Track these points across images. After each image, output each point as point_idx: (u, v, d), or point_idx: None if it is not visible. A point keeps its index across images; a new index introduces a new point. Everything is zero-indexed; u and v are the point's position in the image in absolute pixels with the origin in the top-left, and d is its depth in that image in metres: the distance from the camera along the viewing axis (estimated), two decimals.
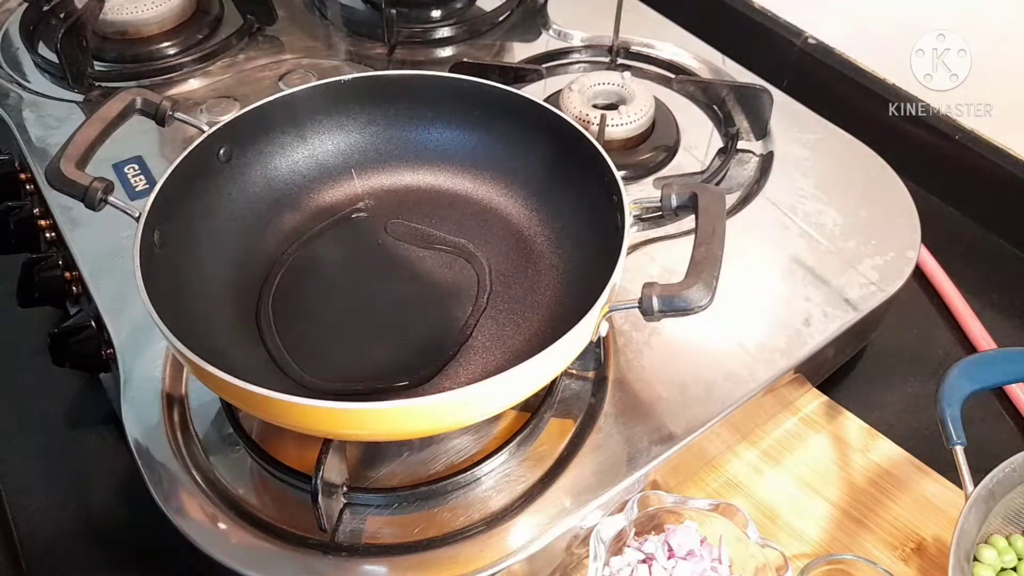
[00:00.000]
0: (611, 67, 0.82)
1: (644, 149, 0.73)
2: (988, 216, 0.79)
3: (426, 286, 0.59)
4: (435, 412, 0.44)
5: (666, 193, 0.51)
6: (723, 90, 0.76)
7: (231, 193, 0.60)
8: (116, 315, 0.60)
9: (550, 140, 0.60)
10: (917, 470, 0.60)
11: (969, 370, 0.55)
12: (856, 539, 0.57)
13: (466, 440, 0.54)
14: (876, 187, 0.70)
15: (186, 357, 0.45)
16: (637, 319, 0.46)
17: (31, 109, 0.78)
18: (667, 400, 0.56)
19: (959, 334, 0.70)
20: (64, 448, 0.63)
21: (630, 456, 0.53)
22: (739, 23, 0.92)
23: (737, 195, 0.70)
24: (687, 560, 0.51)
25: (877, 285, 0.63)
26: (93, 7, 0.80)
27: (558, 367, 0.49)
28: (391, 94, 0.64)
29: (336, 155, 0.65)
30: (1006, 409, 0.65)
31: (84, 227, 0.66)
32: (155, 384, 0.56)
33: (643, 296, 0.45)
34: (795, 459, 0.61)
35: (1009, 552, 0.51)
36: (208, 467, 0.53)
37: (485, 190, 0.64)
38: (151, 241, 0.51)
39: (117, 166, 0.70)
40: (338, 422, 0.45)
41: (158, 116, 0.58)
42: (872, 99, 0.83)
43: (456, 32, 0.87)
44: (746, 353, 0.59)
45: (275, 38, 0.86)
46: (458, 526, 0.50)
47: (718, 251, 0.47)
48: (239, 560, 0.48)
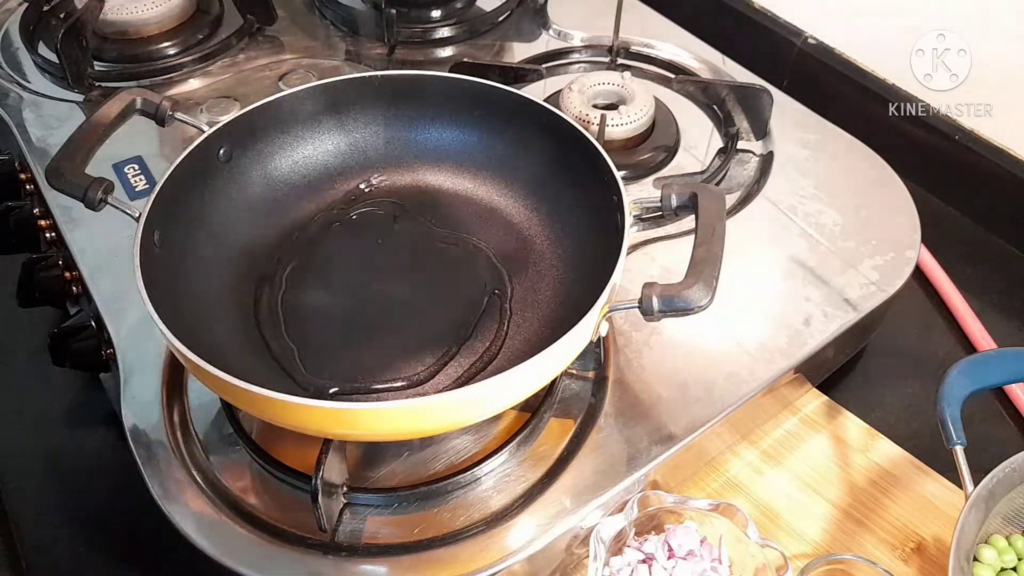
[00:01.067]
0: (611, 67, 0.82)
1: (644, 149, 0.73)
2: (988, 216, 0.79)
3: (426, 286, 0.59)
4: (435, 412, 0.44)
5: (666, 193, 0.51)
6: (723, 90, 0.76)
7: (231, 193, 0.60)
8: (116, 315, 0.60)
9: (550, 140, 0.60)
10: (917, 470, 0.60)
11: (969, 370, 0.55)
12: (856, 539, 0.57)
13: (466, 440, 0.54)
14: (876, 187, 0.70)
15: (186, 357, 0.45)
16: (637, 319, 0.46)
17: (31, 109, 0.78)
18: (667, 400, 0.56)
19: (959, 334, 0.70)
20: (64, 448, 0.63)
21: (630, 456, 0.53)
22: (739, 23, 0.92)
23: (737, 195, 0.70)
24: (687, 560, 0.51)
25: (877, 285, 0.63)
26: (93, 7, 0.80)
27: (558, 367, 0.49)
28: (391, 94, 0.64)
29: (336, 155, 0.65)
30: (1006, 409, 0.65)
31: (84, 227, 0.66)
32: (155, 384, 0.56)
33: (643, 296, 0.45)
34: (795, 459, 0.61)
35: (1009, 552, 0.51)
36: (208, 467, 0.53)
37: (485, 190, 0.64)
38: (151, 241, 0.51)
39: (117, 166, 0.70)
40: (338, 422, 0.45)
41: (158, 116, 0.58)
42: (872, 99, 0.82)
43: (456, 32, 0.87)
44: (746, 353, 0.59)
45: (275, 38, 0.86)
46: (458, 526, 0.50)
47: (718, 251, 0.47)
48: (239, 560, 0.48)
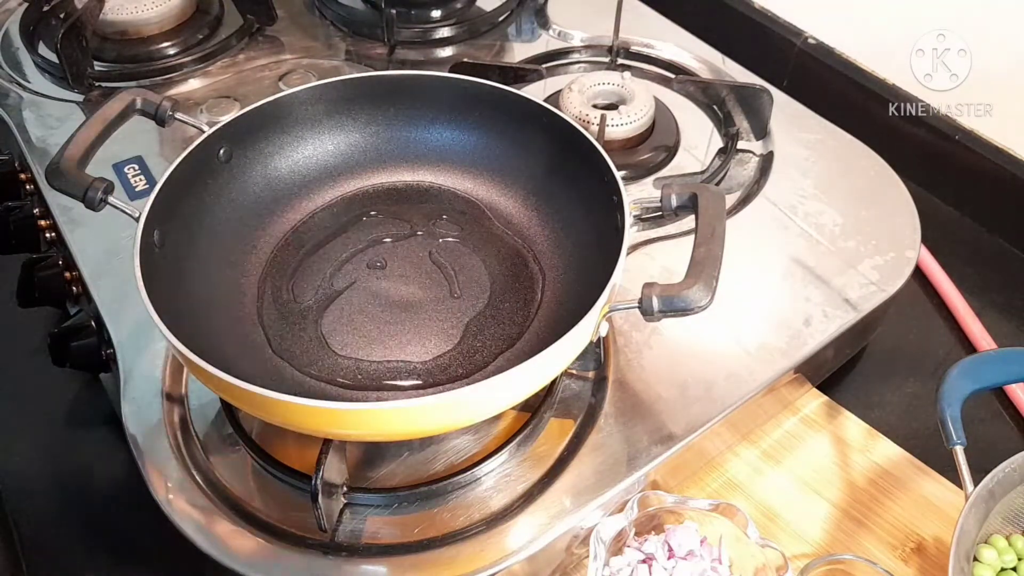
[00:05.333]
0: (611, 67, 0.82)
1: (644, 149, 0.73)
2: (988, 216, 0.79)
3: (426, 286, 0.59)
4: (435, 412, 0.44)
5: (666, 193, 0.51)
6: (723, 90, 0.76)
7: (231, 193, 0.60)
8: (116, 315, 0.60)
9: (550, 140, 0.60)
10: (917, 470, 0.60)
11: (969, 370, 0.55)
12: (856, 539, 0.57)
13: (466, 440, 0.54)
14: (876, 187, 0.70)
15: (186, 357, 0.45)
16: (637, 319, 0.46)
17: (31, 109, 0.78)
18: (667, 400, 0.56)
19: (959, 334, 0.70)
20: (64, 448, 0.63)
21: (630, 456, 0.53)
22: (739, 23, 0.92)
23: (737, 195, 0.70)
24: (687, 560, 0.51)
25: (877, 285, 0.63)
26: (93, 7, 0.80)
27: (558, 367, 0.49)
28: (391, 94, 0.64)
29: (336, 155, 0.65)
30: (1006, 409, 0.65)
31: (84, 227, 0.66)
32: (155, 384, 0.56)
33: (643, 296, 0.45)
34: (795, 459, 0.61)
35: (1009, 552, 0.51)
36: (208, 467, 0.53)
37: (485, 190, 0.64)
38: (151, 241, 0.51)
39: (117, 166, 0.70)
40: (338, 422, 0.45)
41: (158, 116, 0.58)
42: (872, 99, 0.83)
43: (456, 32, 0.87)
44: (746, 353, 0.59)
45: (275, 38, 0.86)
46: (458, 526, 0.50)
47: (718, 251, 0.47)
48: (239, 560, 0.48)
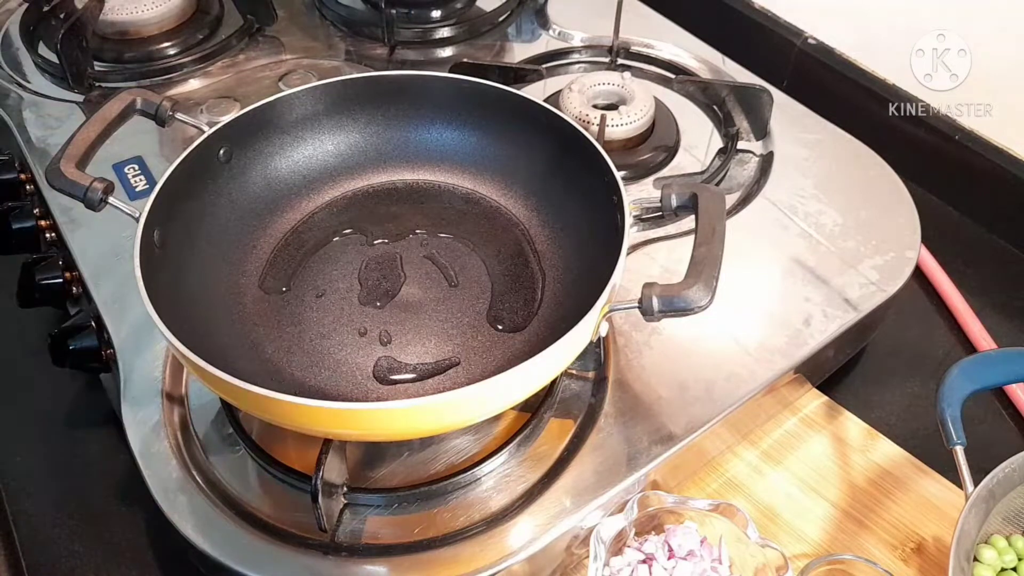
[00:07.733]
0: (611, 67, 0.82)
1: (644, 149, 0.73)
2: (988, 216, 0.79)
3: (426, 286, 0.59)
4: (435, 412, 0.44)
5: (666, 193, 0.51)
6: (723, 90, 0.76)
7: (231, 193, 0.60)
8: (116, 315, 0.60)
9: (550, 140, 0.60)
10: (917, 470, 0.60)
11: (969, 370, 0.55)
12: (856, 539, 0.57)
13: (466, 440, 0.54)
14: (876, 187, 0.70)
15: (186, 357, 0.45)
16: (637, 319, 0.46)
17: (31, 109, 0.78)
18: (667, 400, 0.56)
19: (959, 334, 0.70)
20: (64, 448, 0.63)
21: (630, 456, 0.53)
22: (739, 23, 0.92)
23: (737, 195, 0.70)
24: (687, 560, 0.51)
25: (877, 285, 0.63)
26: (93, 7, 0.80)
27: (558, 367, 0.49)
28: (391, 94, 0.64)
29: (336, 155, 0.65)
30: (1006, 409, 0.65)
31: (84, 227, 0.66)
32: (155, 384, 0.56)
33: (643, 296, 0.45)
34: (795, 459, 0.61)
35: (1009, 552, 0.51)
36: (208, 467, 0.53)
37: (485, 190, 0.64)
38: (151, 241, 0.51)
39: (117, 166, 0.70)
40: (338, 422, 0.45)
41: (158, 116, 0.59)
42: (872, 99, 0.82)
43: (456, 32, 0.87)
44: (746, 353, 0.59)
45: (275, 38, 0.86)
46: (458, 526, 0.50)
47: (718, 251, 0.47)
48: (239, 560, 0.48)
